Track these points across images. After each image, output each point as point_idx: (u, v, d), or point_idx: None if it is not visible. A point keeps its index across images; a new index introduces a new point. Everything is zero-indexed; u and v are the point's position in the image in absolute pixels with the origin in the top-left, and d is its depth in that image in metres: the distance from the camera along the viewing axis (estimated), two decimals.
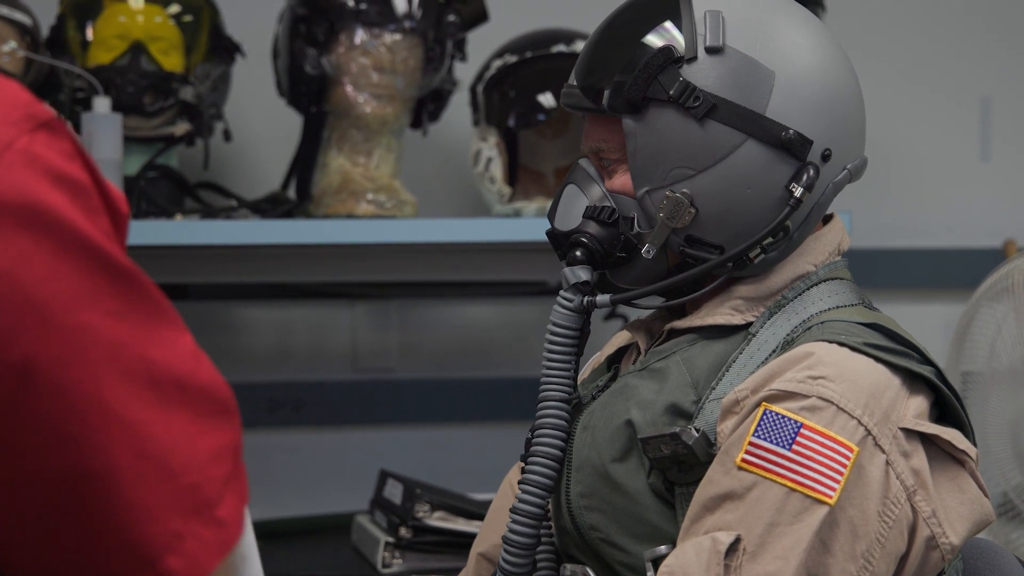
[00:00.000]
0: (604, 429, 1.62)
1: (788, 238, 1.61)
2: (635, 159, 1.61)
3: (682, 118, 1.58)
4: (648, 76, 1.59)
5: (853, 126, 1.64)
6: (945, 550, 1.53)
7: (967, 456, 1.55)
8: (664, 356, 1.63)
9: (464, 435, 3.01)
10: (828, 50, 1.63)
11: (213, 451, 1.05)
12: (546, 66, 2.75)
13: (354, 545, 2.72)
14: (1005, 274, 2.75)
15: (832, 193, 1.63)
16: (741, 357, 1.59)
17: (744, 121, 1.58)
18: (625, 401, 1.62)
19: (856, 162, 1.64)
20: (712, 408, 1.56)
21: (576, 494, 1.63)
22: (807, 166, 1.59)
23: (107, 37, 2.66)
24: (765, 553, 1.46)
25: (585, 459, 1.63)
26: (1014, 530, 2.73)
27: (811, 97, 1.60)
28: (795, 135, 1.58)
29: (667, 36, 1.60)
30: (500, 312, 3.16)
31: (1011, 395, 2.73)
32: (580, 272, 1.63)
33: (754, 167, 1.58)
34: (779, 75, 1.58)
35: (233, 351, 3.05)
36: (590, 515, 1.62)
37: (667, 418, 1.58)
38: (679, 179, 1.59)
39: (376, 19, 2.65)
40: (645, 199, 1.61)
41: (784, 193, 1.59)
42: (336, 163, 2.72)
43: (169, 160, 2.71)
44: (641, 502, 1.59)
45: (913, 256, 3.25)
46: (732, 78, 1.58)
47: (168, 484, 1.02)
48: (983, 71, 3.30)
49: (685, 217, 1.59)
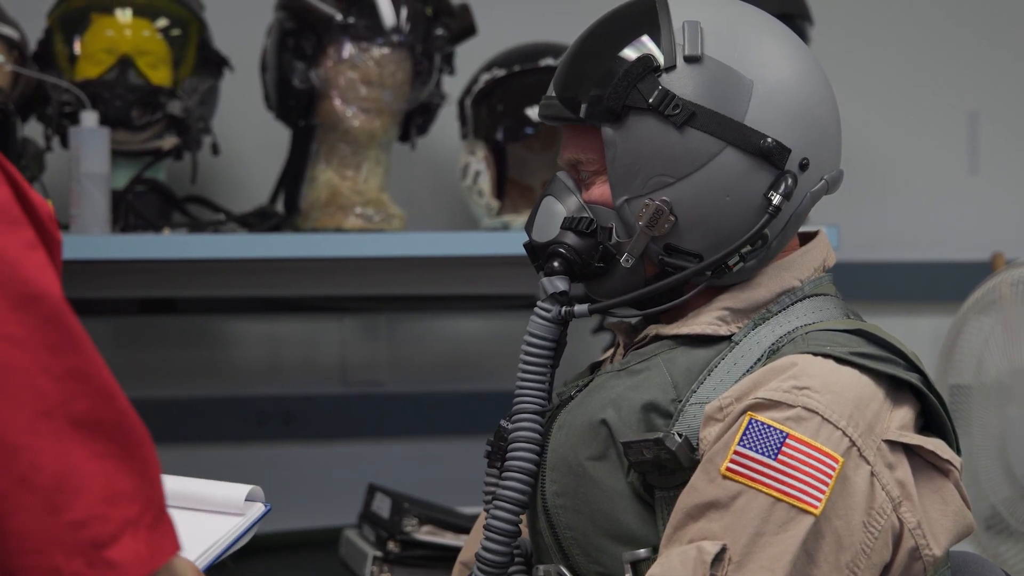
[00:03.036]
0: (579, 427, 1.62)
1: (766, 246, 1.62)
2: (614, 168, 1.61)
3: (661, 126, 1.59)
4: (627, 85, 1.59)
5: (830, 137, 1.65)
6: (928, 561, 1.53)
7: (951, 466, 1.55)
8: (645, 359, 1.63)
9: (453, 449, 3.01)
10: (804, 62, 1.64)
11: (111, 491, 1.01)
12: (534, 80, 2.75)
13: (342, 559, 2.71)
14: (993, 287, 2.75)
15: (810, 203, 1.64)
16: (724, 363, 1.59)
17: (723, 129, 1.58)
18: (601, 399, 1.62)
19: (833, 173, 1.65)
20: (694, 412, 1.56)
21: (552, 493, 1.63)
22: (785, 174, 1.60)
23: (95, 51, 2.66)
24: (751, 563, 1.46)
25: (561, 458, 1.63)
26: (1002, 543, 2.73)
27: (789, 106, 1.60)
28: (774, 143, 1.59)
29: (646, 46, 1.61)
30: (489, 325, 3.16)
31: (999, 408, 2.73)
32: (558, 282, 1.64)
33: (733, 175, 1.59)
34: (757, 84, 1.59)
35: (222, 365, 3.05)
36: (566, 515, 1.61)
37: (643, 416, 1.57)
38: (658, 187, 1.60)
39: (364, 33, 2.66)
40: (624, 208, 1.62)
41: (762, 201, 1.60)
42: (324, 177, 2.73)
43: (157, 174, 2.71)
44: (618, 502, 1.58)
45: (901, 269, 3.25)
46: (711, 86, 1.59)
47: (52, 517, 0.99)
48: (971, 85, 3.31)
49: (664, 225, 1.60)
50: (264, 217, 2.76)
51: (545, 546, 1.65)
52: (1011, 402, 2.71)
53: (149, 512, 1.04)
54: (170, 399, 3.00)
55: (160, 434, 3.18)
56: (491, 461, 1.67)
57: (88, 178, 2.50)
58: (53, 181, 2.66)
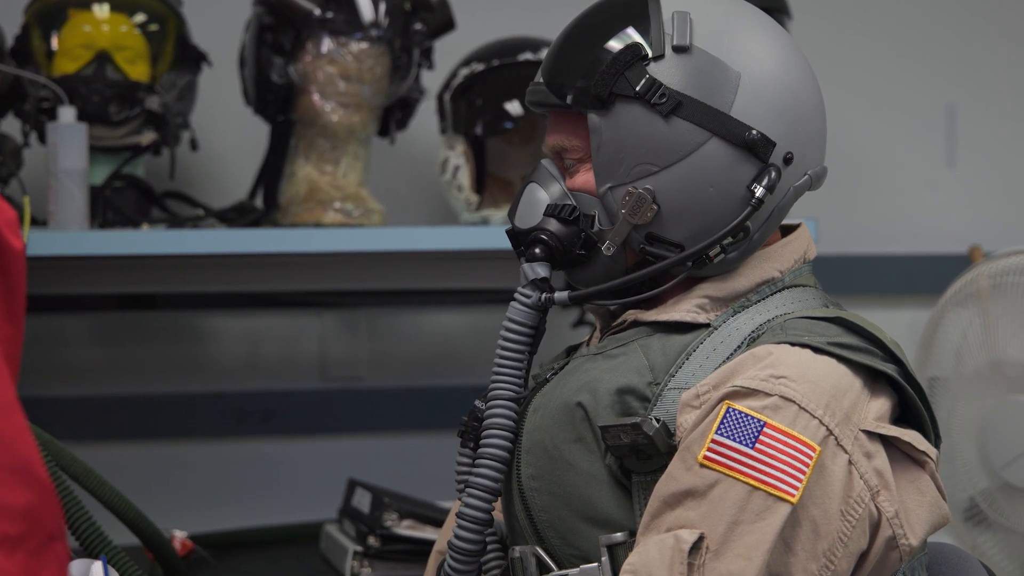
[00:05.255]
0: (555, 410, 1.62)
1: (748, 239, 1.63)
2: (599, 155, 1.62)
3: (648, 114, 1.60)
4: (615, 72, 1.60)
5: (815, 132, 1.65)
6: (904, 551, 1.53)
7: (927, 458, 1.56)
8: (622, 343, 1.64)
9: (433, 443, 3.01)
10: (792, 57, 1.65)
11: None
12: (513, 74, 2.75)
13: (323, 554, 2.71)
14: (971, 279, 2.76)
15: (793, 197, 1.64)
16: (702, 347, 1.59)
17: (709, 119, 1.59)
18: (577, 382, 1.62)
19: (817, 169, 1.66)
20: (672, 397, 1.56)
21: (527, 476, 1.63)
22: (769, 167, 1.60)
23: (72, 46, 2.65)
24: (728, 552, 1.46)
25: (536, 441, 1.63)
26: (980, 534, 2.75)
27: (775, 100, 1.61)
28: (759, 135, 1.59)
29: (635, 34, 1.62)
30: (468, 320, 3.16)
31: (977, 400, 2.74)
32: (539, 268, 1.64)
33: (717, 165, 1.60)
34: (744, 76, 1.60)
35: (201, 361, 3.05)
36: (541, 497, 1.62)
37: (619, 399, 1.58)
38: (642, 175, 1.61)
39: (343, 28, 2.65)
40: (607, 195, 1.62)
41: (746, 193, 1.60)
42: (303, 172, 2.72)
43: (135, 169, 2.71)
44: (594, 485, 1.59)
45: (879, 262, 3.26)
46: (698, 77, 1.59)
47: None
48: (948, 78, 3.32)
49: (647, 214, 1.60)
50: (243, 212, 2.75)
51: (520, 529, 1.65)
52: (989, 394, 2.72)
53: (35, 537, 1.03)
54: (150, 395, 2.99)
55: (140, 431, 3.21)
56: (464, 441, 1.68)
57: (66, 174, 2.50)
58: (31, 177, 2.65)
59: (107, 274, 2.75)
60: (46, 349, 2.95)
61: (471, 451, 1.67)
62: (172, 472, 3.00)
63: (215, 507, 2.98)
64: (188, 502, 2.93)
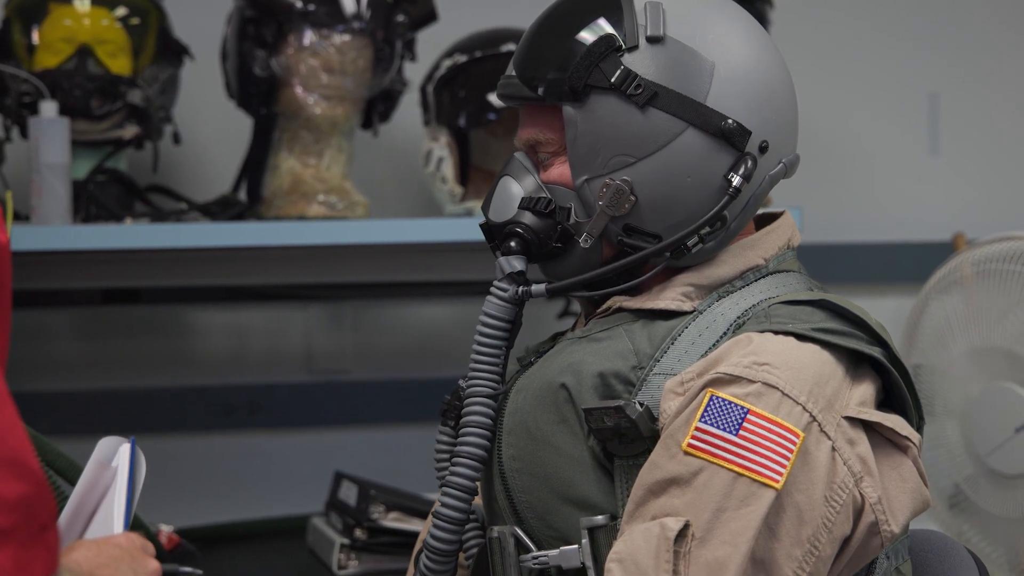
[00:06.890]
0: (538, 391, 1.62)
1: (725, 228, 1.63)
2: (575, 147, 1.62)
3: (623, 105, 1.59)
4: (589, 64, 1.60)
5: (788, 121, 1.66)
6: (886, 537, 1.54)
7: (910, 443, 1.56)
8: (607, 327, 1.64)
9: (419, 436, 3.01)
10: (765, 46, 1.65)
11: None
12: (496, 65, 2.75)
13: (309, 547, 2.71)
14: (954, 267, 2.77)
15: (768, 185, 1.65)
16: (687, 332, 1.59)
17: (685, 109, 1.59)
18: (560, 364, 1.62)
19: (791, 157, 1.66)
20: (657, 382, 1.56)
21: (508, 457, 1.63)
22: (745, 156, 1.61)
23: (53, 40, 2.65)
24: (713, 538, 1.47)
25: (519, 422, 1.63)
26: (965, 521, 2.75)
27: (749, 89, 1.61)
28: (735, 124, 1.59)
29: (607, 26, 1.61)
30: (453, 312, 3.16)
31: (961, 387, 2.75)
32: (515, 262, 1.64)
33: (694, 156, 1.60)
34: (719, 66, 1.60)
35: (186, 355, 3.04)
36: (521, 478, 1.62)
37: (602, 382, 1.58)
38: (619, 167, 1.61)
39: (325, 20, 2.65)
40: (584, 188, 1.62)
41: (723, 183, 1.61)
42: (287, 165, 2.72)
43: (118, 164, 2.70)
44: (576, 467, 1.59)
45: (863, 250, 3.27)
46: (673, 67, 1.59)
47: None
48: (931, 66, 3.33)
49: (625, 205, 1.60)
50: (227, 206, 2.75)
51: (499, 510, 1.65)
52: (973, 381, 2.73)
53: (27, 528, 1.02)
54: (135, 390, 2.99)
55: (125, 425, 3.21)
56: (444, 420, 1.68)
57: (48, 168, 2.49)
58: (13, 172, 2.65)
59: (90, 268, 2.74)
60: (30, 344, 2.94)
61: (451, 429, 1.68)
62: (158, 466, 2.97)
63: (201, 501, 2.97)
64: (174, 496, 2.93)
